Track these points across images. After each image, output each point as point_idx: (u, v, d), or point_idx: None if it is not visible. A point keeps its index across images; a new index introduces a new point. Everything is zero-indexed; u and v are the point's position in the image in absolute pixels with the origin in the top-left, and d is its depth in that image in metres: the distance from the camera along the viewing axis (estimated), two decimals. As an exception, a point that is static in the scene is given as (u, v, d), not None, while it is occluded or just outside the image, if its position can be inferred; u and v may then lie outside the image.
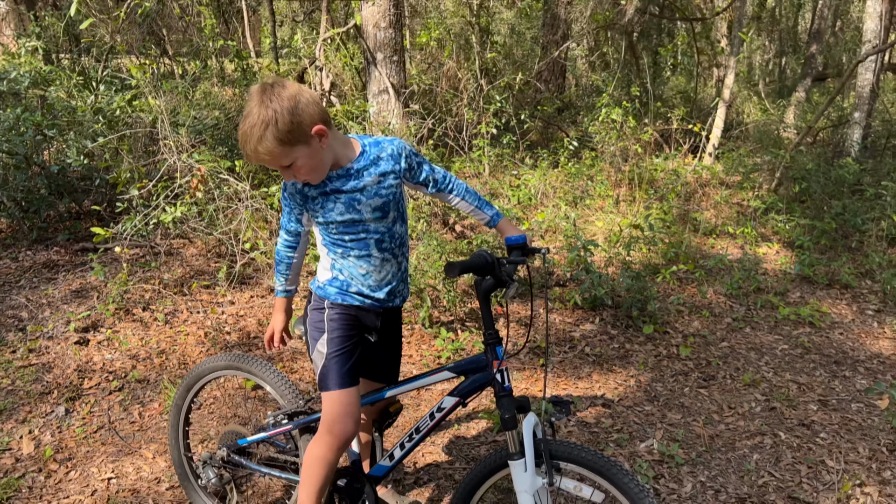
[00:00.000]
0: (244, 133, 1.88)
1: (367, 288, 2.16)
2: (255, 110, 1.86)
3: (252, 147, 1.88)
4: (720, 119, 8.72)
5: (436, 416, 2.17)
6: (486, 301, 2.07)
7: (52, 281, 4.93)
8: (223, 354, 2.54)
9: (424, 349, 4.19)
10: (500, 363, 2.07)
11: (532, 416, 2.02)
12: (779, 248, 6.34)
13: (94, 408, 3.50)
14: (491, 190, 6.69)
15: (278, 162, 1.91)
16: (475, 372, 2.14)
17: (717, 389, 3.90)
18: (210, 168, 5.08)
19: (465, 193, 2.36)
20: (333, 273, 2.18)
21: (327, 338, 2.14)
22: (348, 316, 2.18)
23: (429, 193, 2.35)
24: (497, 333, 2.11)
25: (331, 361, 2.12)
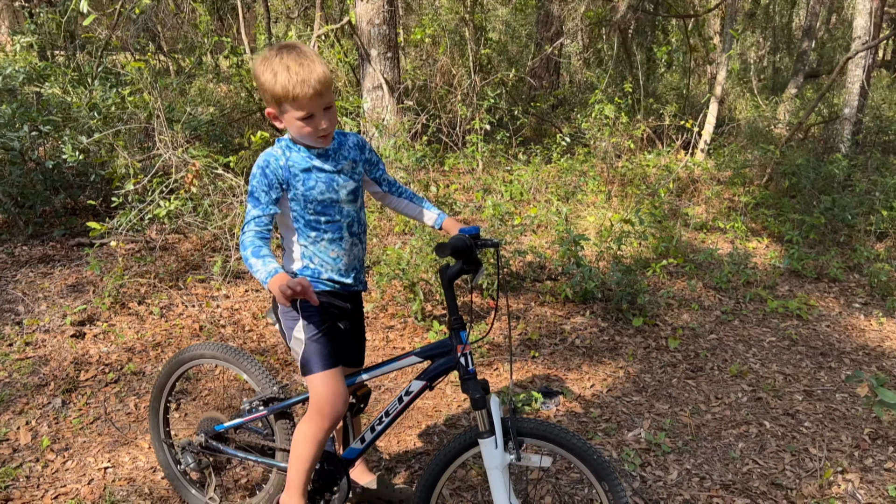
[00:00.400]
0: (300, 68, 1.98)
1: (336, 273, 2.24)
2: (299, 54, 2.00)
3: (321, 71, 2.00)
4: (712, 115, 8.78)
5: (404, 399, 2.24)
6: (450, 287, 2.14)
7: (48, 275, 4.98)
8: (200, 344, 2.58)
9: (417, 342, 4.25)
10: (464, 347, 2.14)
11: (495, 398, 2.10)
12: (768, 243, 6.41)
13: (90, 399, 3.54)
14: (484, 185, 6.74)
15: (329, 97, 2.04)
16: (441, 356, 2.21)
17: (705, 380, 3.96)
18: (205, 163, 5.13)
19: (413, 196, 2.49)
20: (304, 262, 2.22)
21: (303, 323, 2.18)
22: (321, 302, 2.23)
23: (379, 192, 2.46)
24: (461, 319, 2.18)
25: (311, 345, 2.17)
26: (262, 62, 2.03)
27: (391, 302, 4.73)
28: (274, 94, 2.01)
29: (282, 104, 2.02)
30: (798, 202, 7.06)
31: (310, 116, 2.03)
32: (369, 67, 7.46)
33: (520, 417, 2.10)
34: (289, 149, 2.15)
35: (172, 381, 2.65)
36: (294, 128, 2.07)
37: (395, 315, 4.58)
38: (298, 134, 2.08)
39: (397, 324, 4.50)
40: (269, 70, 1.99)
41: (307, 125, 2.04)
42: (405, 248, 4.80)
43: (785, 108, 10.88)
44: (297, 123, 2.04)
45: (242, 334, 4.28)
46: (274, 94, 2.01)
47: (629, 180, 7.66)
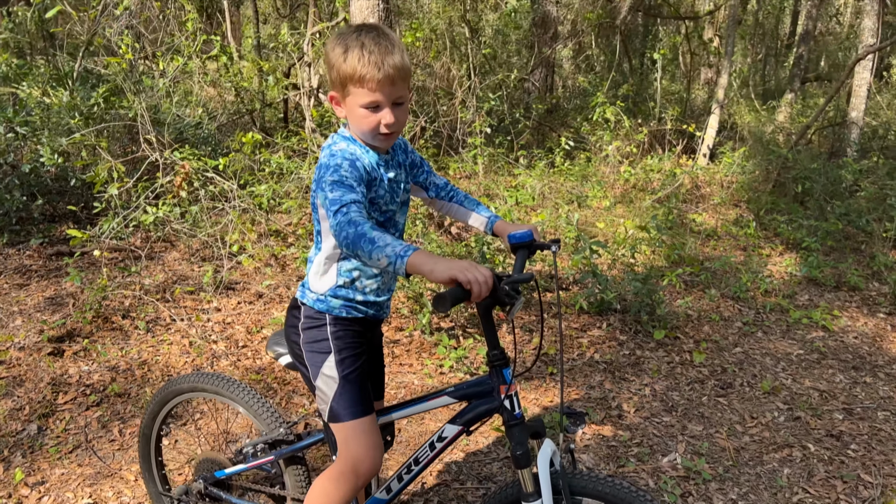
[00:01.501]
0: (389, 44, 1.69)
1: (372, 294, 1.92)
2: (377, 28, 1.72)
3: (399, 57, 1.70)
4: (714, 120, 8.58)
5: (436, 445, 1.90)
6: (487, 317, 1.78)
7: (24, 287, 4.62)
8: (189, 374, 2.25)
9: (426, 357, 3.95)
10: (509, 387, 1.80)
11: (549, 445, 1.77)
12: (782, 250, 6.17)
13: (69, 425, 3.21)
14: (486, 190, 6.47)
15: (402, 89, 1.73)
16: (480, 397, 1.86)
17: (737, 398, 3.69)
18: (196, 166, 4.80)
19: (465, 199, 2.15)
20: (343, 279, 1.87)
21: (336, 359, 1.85)
22: (354, 331, 1.91)
23: (429, 198, 2.13)
24: (503, 354, 1.82)
25: (346, 385, 1.84)
26: (337, 38, 1.74)
27: (395, 314, 4.43)
28: (340, 73, 1.71)
29: (347, 86, 1.72)
30: (810, 208, 6.84)
31: (375, 106, 1.71)
32: (364, 68, 7.17)
33: (577, 472, 1.77)
34: (363, 148, 1.81)
35: (162, 416, 2.32)
36: (355, 117, 1.75)
37: (400, 329, 4.28)
38: (359, 127, 1.75)
39: (403, 338, 4.19)
40: (341, 45, 1.71)
41: (371, 115, 1.72)
42: (409, 256, 4.50)
43: (785, 112, 10.71)
44: (360, 112, 1.72)
45: (236, 350, 3.95)
46: (340, 73, 1.71)
47: (633, 185, 7.42)
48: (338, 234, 1.60)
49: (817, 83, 14.73)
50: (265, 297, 4.59)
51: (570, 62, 12.87)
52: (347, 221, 1.59)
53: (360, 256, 1.56)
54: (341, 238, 1.59)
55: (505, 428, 1.80)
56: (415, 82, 7.99)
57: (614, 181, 7.43)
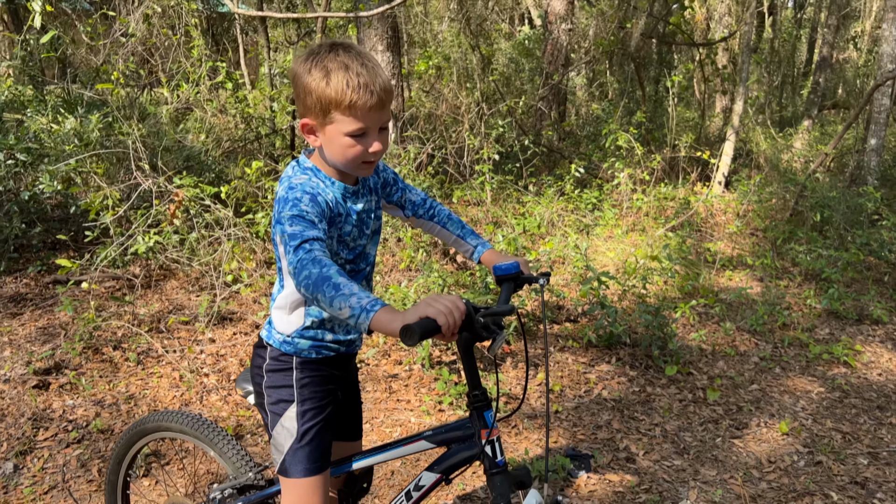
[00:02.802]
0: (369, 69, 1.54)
1: (342, 332, 1.76)
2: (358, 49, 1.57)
3: (385, 79, 1.55)
4: (729, 147, 8.40)
5: (413, 495, 1.74)
6: (467, 354, 1.64)
7: (17, 316, 4.52)
8: (154, 413, 2.11)
9: (424, 393, 3.77)
10: (491, 432, 1.65)
11: (534, 497, 1.61)
12: (801, 281, 5.95)
13: (47, 463, 3.06)
14: (494, 218, 6.32)
15: (387, 111, 1.59)
16: (459, 442, 1.71)
17: (753, 439, 3.48)
18: (193, 194, 4.70)
19: (448, 221, 1.98)
20: (309, 320, 1.72)
21: (298, 410, 1.71)
22: (322, 377, 1.76)
23: (405, 217, 1.97)
24: (485, 394, 1.67)
25: (304, 442, 1.70)
26: (309, 58, 1.56)
27: (395, 346, 4.27)
28: (322, 99, 1.53)
29: (330, 113, 1.54)
30: (829, 237, 6.62)
31: (362, 133, 1.56)
32: (372, 95, 7.10)
33: None
34: (327, 180, 1.65)
35: (129, 460, 2.17)
36: (335, 147, 1.58)
37: (399, 362, 4.11)
38: (339, 157, 1.59)
39: (401, 372, 4.02)
40: (318, 68, 1.53)
41: (357, 144, 1.56)
42: (410, 286, 4.35)
43: (802, 140, 10.51)
44: (344, 141, 1.56)
45: (227, 384, 3.80)
46: (322, 99, 1.53)
47: (645, 213, 7.24)
48: (297, 272, 1.44)
49: (834, 110, 14.52)
50: (261, 328, 4.44)
51: (584, 90, 12.79)
52: (311, 260, 1.44)
53: (319, 302, 1.39)
54: (301, 278, 1.43)
55: (486, 476, 1.64)
56: (423, 109, 7.92)
57: (626, 209, 7.26)
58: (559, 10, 9.67)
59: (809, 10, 21.39)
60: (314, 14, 6.40)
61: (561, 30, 9.72)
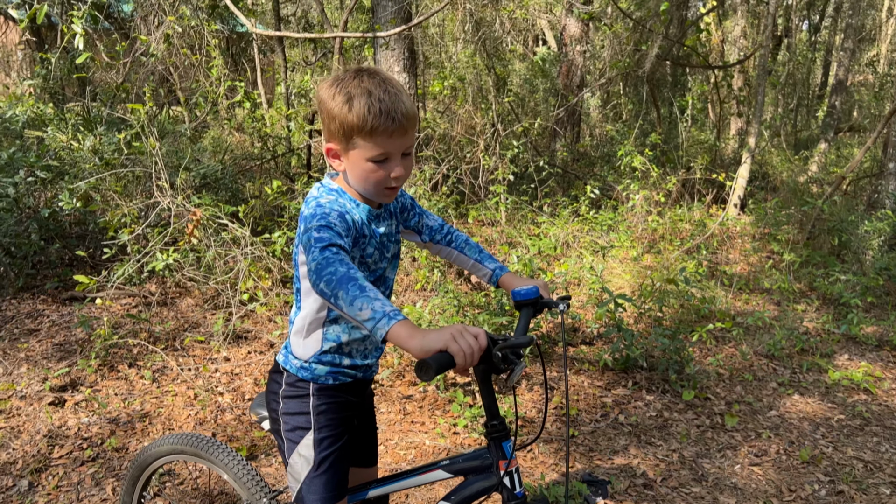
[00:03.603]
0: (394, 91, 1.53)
1: (360, 356, 1.75)
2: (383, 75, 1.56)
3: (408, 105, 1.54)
4: (745, 169, 8.37)
5: None
6: (486, 384, 1.62)
7: (34, 333, 4.54)
8: (168, 436, 2.10)
9: (438, 416, 3.74)
10: (510, 463, 1.63)
11: None
12: (818, 305, 5.88)
13: (61, 481, 3.06)
14: (508, 238, 6.31)
15: (409, 137, 1.58)
16: (477, 472, 1.68)
17: (773, 467, 3.42)
18: (212, 212, 4.73)
19: (465, 246, 1.98)
20: (328, 345, 1.70)
21: (315, 438, 1.69)
22: (339, 403, 1.74)
23: (422, 242, 1.96)
24: (503, 424, 1.64)
25: (321, 470, 1.68)
26: (333, 84, 1.56)
27: (408, 368, 4.25)
28: (345, 124, 1.53)
29: (352, 138, 1.54)
30: (847, 261, 6.56)
31: (385, 159, 1.56)
32: (388, 115, 7.14)
33: None
34: (353, 202, 1.65)
35: (142, 483, 2.17)
36: (358, 172, 1.58)
37: (413, 383, 4.09)
38: (362, 181, 1.60)
39: (416, 393, 4.00)
40: (342, 93, 1.53)
41: (379, 169, 1.56)
42: (426, 306, 4.34)
43: (818, 163, 10.46)
44: (366, 166, 1.56)
45: (241, 403, 3.79)
46: (345, 124, 1.53)
47: (661, 236, 7.22)
48: (320, 268, 1.40)
49: (850, 133, 14.45)
50: (276, 347, 4.44)
51: (598, 111, 12.82)
52: (338, 260, 1.41)
53: (338, 300, 1.35)
54: (324, 274, 1.38)
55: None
56: (438, 130, 7.95)
57: (642, 231, 7.23)
58: (574, 31, 9.73)
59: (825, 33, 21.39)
60: (331, 34, 6.45)
61: (576, 51, 9.77)
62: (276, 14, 8.80)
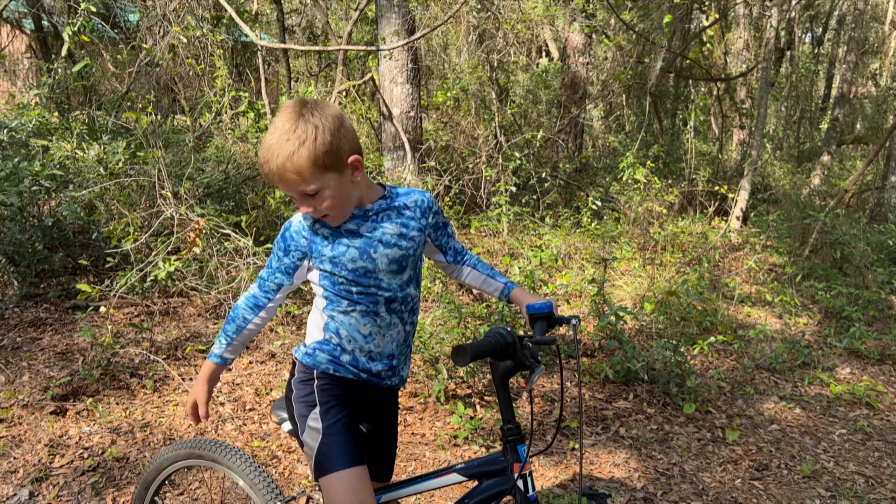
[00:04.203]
0: (270, 146, 1.60)
1: (364, 356, 1.80)
2: (290, 123, 1.60)
3: (279, 163, 1.59)
4: (747, 181, 8.38)
5: None
6: (504, 387, 1.69)
7: (36, 341, 4.55)
8: (185, 441, 2.12)
9: (439, 427, 3.75)
10: (524, 466, 1.68)
11: None
12: (820, 318, 5.88)
13: (62, 491, 3.06)
14: (510, 249, 6.32)
15: (302, 186, 1.61)
16: (491, 476, 1.74)
17: (774, 482, 3.41)
18: (216, 222, 4.75)
19: (477, 263, 2.08)
20: (327, 335, 1.82)
21: (320, 410, 1.78)
22: (341, 388, 1.83)
23: (444, 262, 2.05)
24: (519, 429, 1.70)
25: (331, 436, 1.74)
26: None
27: (409, 379, 4.25)
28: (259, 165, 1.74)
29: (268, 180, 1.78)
30: (849, 274, 6.56)
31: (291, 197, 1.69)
32: (391, 127, 7.17)
33: None
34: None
35: (156, 486, 2.17)
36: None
37: (414, 394, 4.09)
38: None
39: (416, 405, 4.00)
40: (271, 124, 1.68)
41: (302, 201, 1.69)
42: (426, 317, 4.35)
43: (820, 175, 10.47)
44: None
45: (242, 413, 3.80)
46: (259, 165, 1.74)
47: (662, 247, 7.22)
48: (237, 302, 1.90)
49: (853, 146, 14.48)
50: (277, 357, 4.45)
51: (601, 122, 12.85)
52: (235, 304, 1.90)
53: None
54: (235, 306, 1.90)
55: None
56: (441, 141, 7.98)
57: (644, 243, 7.24)
58: (577, 43, 9.76)
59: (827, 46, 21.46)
60: (335, 46, 6.50)
61: (579, 63, 9.80)
62: (281, 24, 8.87)
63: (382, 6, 7.13)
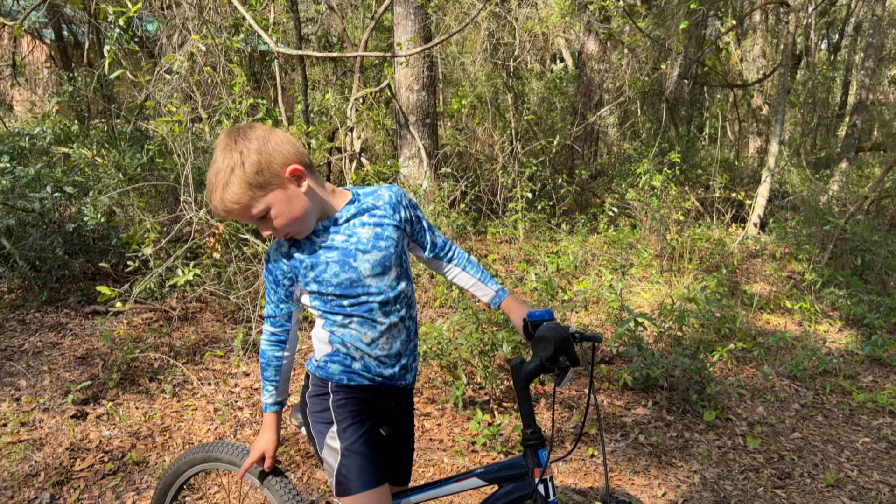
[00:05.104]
0: (209, 183, 1.64)
1: (374, 362, 1.78)
2: (220, 155, 1.63)
3: (218, 197, 1.62)
4: (765, 188, 8.32)
5: None
6: (525, 390, 1.68)
7: (57, 346, 4.60)
8: (203, 444, 2.13)
9: (457, 433, 3.73)
10: (544, 471, 1.68)
11: None
12: (841, 326, 5.81)
13: (83, 494, 3.08)
14: (526, 256, 6.31)
15: (248, 212, 1.63)
16: (512, 480, 1.73)
17: (797, 490, 3.37)
18: (233, 228, 4.78)
19: (467, 264, 2.01)
20: (334, 346, 1.80)
21: (338, 429, 1.75)
22: (359, 399, 1.79)
23: (424, 258, 2.00)
24: (540, 433, 1.70)
25: (350, 457, 1.71)
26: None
27: (427, 384, 4.24)
28: None
29: None
30: (870, 281, 6.48)
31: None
32: (407, 134, 7.19)
33: None
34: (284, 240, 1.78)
35: (175, 490, 2.18)
36: None
37: (432, 400, 4.08)
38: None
39: (434, 411, 3.99)
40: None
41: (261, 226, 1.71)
42: (444, 323, 4.34)
43: (839, 182, 10.38)
44: None
45: (260, 418, 3.80)
46: None
47: (679, 254, 7.17)
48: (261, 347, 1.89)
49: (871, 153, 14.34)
50: (295, 362, 4.46)
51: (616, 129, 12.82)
52: (261, 342, 1.90)
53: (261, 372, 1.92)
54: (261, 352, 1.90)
55: None
56: (457, 147, 7.99)
57: (661, 249, 7.19)
58: (593, 50, 9.76)
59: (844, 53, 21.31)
60: (352, 53, 6.52)
61: (594, 70, 9.79)
62: (298, 33, 8.93)
63: (399, 14, 7.16)
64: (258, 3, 6.65)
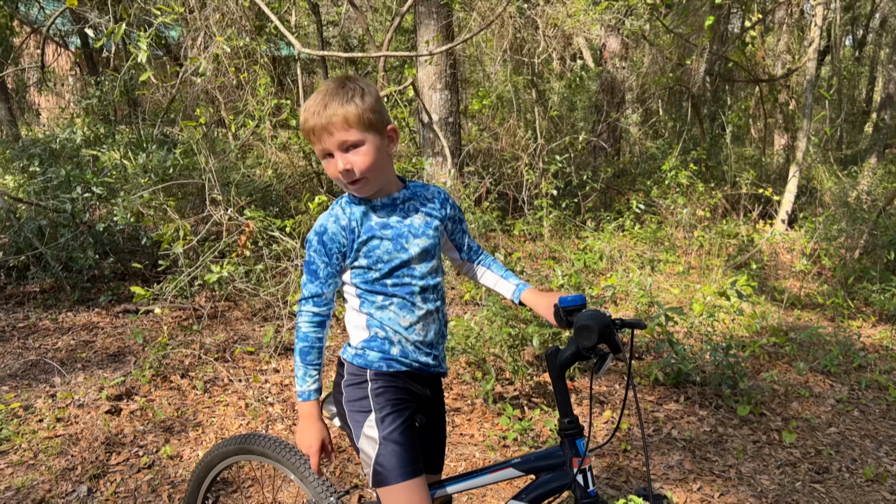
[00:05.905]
0: (317, 101, 1.67)
1: (412, 347, 1.78)
2: (336, 85, 1.68)
3: (328, 112, 1.63)
4: (793, 184, 8.21)
5: None
6: (560, 379, 1.65)
7: (89, 344, 4.65)
8: (236, 436, 2.13)
9: (487, 428, 3.72)
10: (583, 461, 1.65)
11: None
12: (875, 321, 5.71)
13: (119, 487, 3.10)
14: (552, 253, 6.28)
15: (346, 135, 1.64)
16: (549, 470, 1.70)
17: (835, 485, 3.31)
18: (263, 225, 4.81)
19: (492, 263, 2.05)
20: (372, 331, 1.78)
21: (376, 417, 1.73)
22: (398, 388, 1.78)
23: (458, 260, 2.04)
24: (577, 423, 1.67)
25: (388, 446, 1.70)
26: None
27: (456, 380, 4.23)
28: (302, 127, 1.73)
29: (309, 139, 1.73)
30: (903, 276, 6.36)
31: (328, 154, 1.69)
32: (430, 132, 7.19)
33: None
34: (349, 204, 1.77)
35: (208, 482, 2.19)
36: (325, 168, 1.75)
37: (461, 396, 4.07)
38: (332, 176, 1.75)
39: (464, 406, 3.98)
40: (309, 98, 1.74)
41: (329, 162, 1.70)
42: (473, 318, 4.32)
43: (868, 178, 10.21)
44: (323, 162, 1.74)
45: (291, 413, 3.82)
46: (302, 127, 1.73)
47: (707, 251, 7.10)
48: (297, 327, 1.78)
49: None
50: (325, 359, 4.47)
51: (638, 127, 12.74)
52: (297, 326, 1.77)
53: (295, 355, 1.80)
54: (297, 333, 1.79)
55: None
56: (482, 144, 7.98)
57: (688, 246, 7.13)
58: (615, 47, 9.70)
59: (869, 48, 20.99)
60: (374, 53, 6.54)
61: (617, 67, 9.73)
62: (320, 35, 8.98)
63: (421, 13, 7.18)
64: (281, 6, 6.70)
